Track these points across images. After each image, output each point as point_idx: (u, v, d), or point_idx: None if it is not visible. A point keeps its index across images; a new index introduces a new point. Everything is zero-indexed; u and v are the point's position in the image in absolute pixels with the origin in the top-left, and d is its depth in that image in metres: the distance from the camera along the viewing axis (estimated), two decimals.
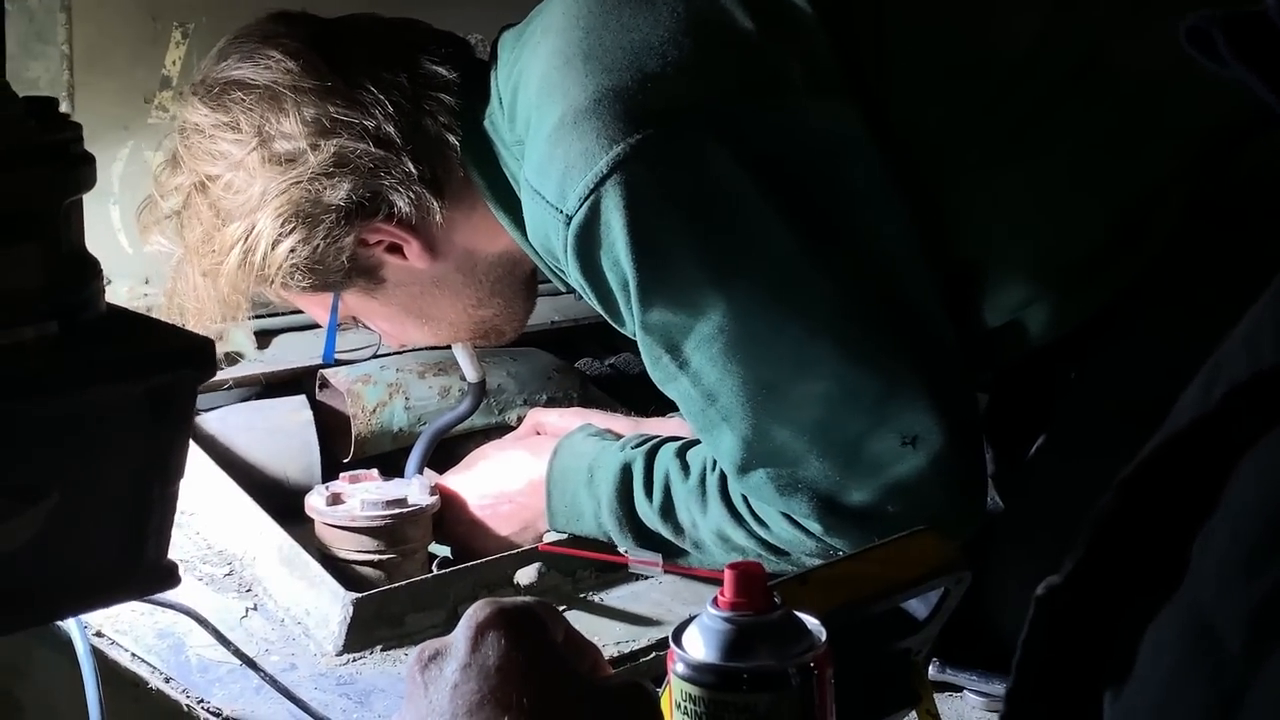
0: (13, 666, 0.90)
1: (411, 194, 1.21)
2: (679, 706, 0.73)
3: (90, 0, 1.38)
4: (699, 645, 0.74)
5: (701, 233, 1.07)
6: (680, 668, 0.73)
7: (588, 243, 1.08)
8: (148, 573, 0.64)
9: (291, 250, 1.20)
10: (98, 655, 0.93)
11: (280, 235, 1.20)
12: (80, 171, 0.60)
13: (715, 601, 0.75)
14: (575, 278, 1.13)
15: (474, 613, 0.66)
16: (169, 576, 0.65)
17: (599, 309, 1.16)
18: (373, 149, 1.19)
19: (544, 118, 1.10)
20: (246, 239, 1.21)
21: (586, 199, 1.06)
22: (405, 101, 1.20)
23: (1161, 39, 1.11)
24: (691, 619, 0.76)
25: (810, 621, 0.77)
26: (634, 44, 1.09)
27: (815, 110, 1.10)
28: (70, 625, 0.90)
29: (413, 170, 1.20)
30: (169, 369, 0.60)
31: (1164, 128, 1.11)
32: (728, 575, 0.75)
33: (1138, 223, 1.11)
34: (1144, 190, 1.11)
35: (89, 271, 0.62)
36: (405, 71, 1.22)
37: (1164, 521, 0.46)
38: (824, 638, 0.75)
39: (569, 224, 1.08)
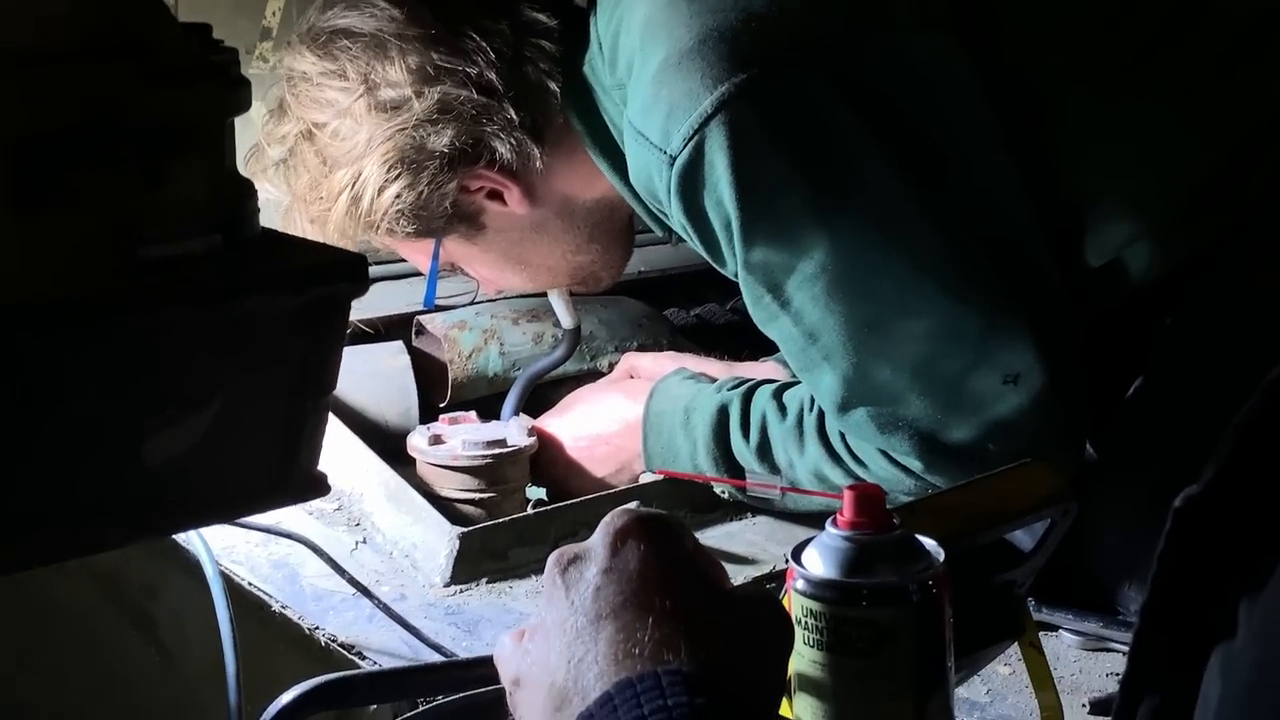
0: (147, 586, 0.94)
1: (513, 140, 1.23)
2: (799, 622, 0.74)
3: None
4: (818, 563, 0.76)
5: (805, 171, 1.09)
6: (801, 584, 0.75)
7: (692, 183, 1.10)
8: (301, 481, 0.67)
9: (397, 196, 1.23)
10: (224, 579, 0.96)
11: (386, 181, 1.22)
12: (240, 92, 0.63)
13: (834, 521, 0.77)
14: (678, 219, 1.14)
15: (612, 520, 0.68)
16: (320, 485, 0.67)
17: (701, 250, 1.18)
18: (475, 96, 1.21)
19: (648, 59, 1.12)
20: (353, 185, 1.23)
21: (691, 139, 1.07)
22: (507, 48, 1.22)
23: None
24: (809, 540, 0.78)
25: (928, 543, 0.78)
26: None
27: (921, 46, 1.10)
28: (199, 548, 0.93)
29: (514, 117, 1.22)
30: (327, 281, 0.62)
31: (1271, 66, 1.10)
32: (847, 495, 0.76)
33: (1243, 161, 1.11)
34: (1250, 129, 1.11)
35: (246, 189, 0.64)
36: (506, 18, 1.23)
37: None
38: (942, 557, 0.77)
39: (673, 164, 1.09)
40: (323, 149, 1.24)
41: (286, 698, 0.70)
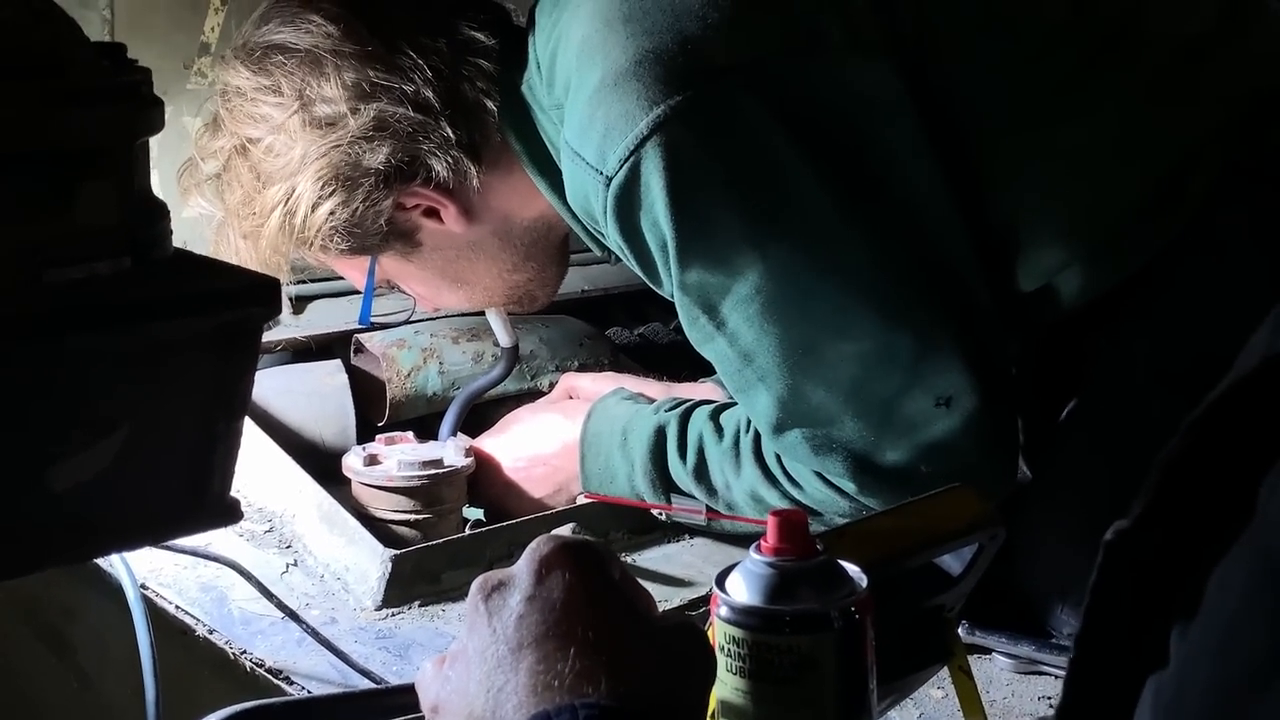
0: (65, 609, 0.92)
1: (449, 159, 1.22)
2: (722, 649, 0.74)
3: None
4: (742, 589, 0.76)
5: (740, 193, 1.09)
6: (724, 611, 0.75)
7: (627, 204, 1.09)
8: (212, 507, 0.66)
9: (331, 213, 1.22)
10: (146, 602, 0.94)
11: (320, 198, 1.22)
12: (152, 112, 0.62)
13: (758, 548, 0.77)
14: (614, 239, 1.14)
15: (538, 547, 0.67)
16: (232, 511, 0.66)
17: (637, 271, 1.17)
18: (411, 113, 1.20)
19: (584, 80, 1.12)
20: (287, 202, 1.22)
21: (627, 160, 1.07)
22: (444, 66, 1.22)
23: (1197, 5, 1.12)
24: (734, 565, 0.78)
25: (851, 569, 0.78)
26: (674, 5, 1.10)
27: (854, 70, 1.11)
28: (120, 571, 0.92)
29: (451, 135, 1.22)
30: (238, 305, 0.62)
31: (1200, 92, 1.11)
32: (771, 521, 0.76)
33: (1172, 186, 1.12)
34: (1179, 154, 1.12)
35: (158, 211, 0.63)
36: (444, 36, 1.23)
37: (1232, 464, 0.47)
38: (865, 584, 0.77)
39: (609, 185, 1.09)
40: (257, 164, 1.24)
41: None
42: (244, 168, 1.25)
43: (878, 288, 1.10)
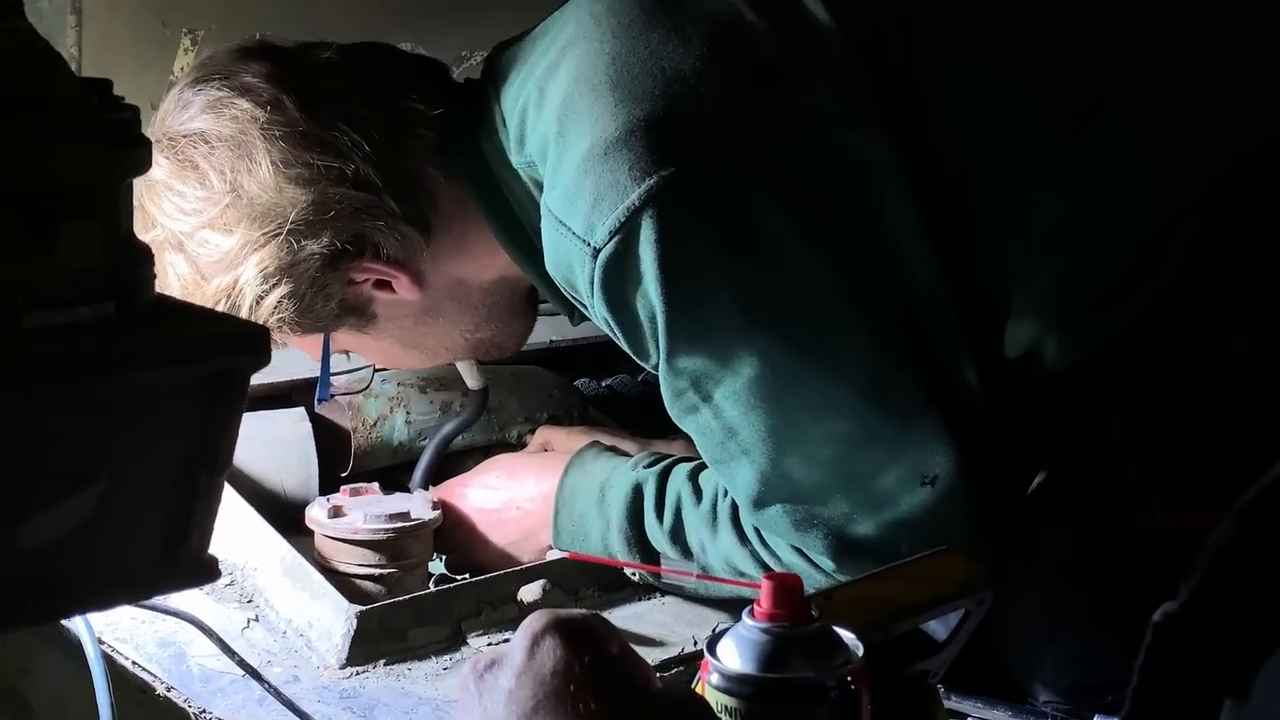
0: (23, 668, 0.88)
1: (397, 233, 1.19)
2: None
3: (100, 3, 1.37)
4: (734, 656, 0.73)
5: (734, 267, 1.06)
6: (716, 679, 0.72)
7: (617, 276, 1.06)
8: (190, 565, 0.63)
9: (278, 304, 1.18)
10: (106, 660, 0.91)
11: (265, 291, 1.17)
12: (139, 151, 0.59)
13: (751, 612, 0.75)
14: (600, 312, 1.10)
15: (530, 622, 0.65)
16: (210, 570, 0.63)
17: (622, 343, 1.13)
18: (353, 192, 1.16)
19: (569, 147, 1.08)
20: (230, 296, 1.17)
21: (618, 232, 1.04)
22: (381, 140, 1.17)
23: (1179, 69, 1.13)
24: (725, 630, 0.76)
25: (847, 635, 0.76)
26: (665, 72, 1.06)
27: (849, 138, 1.09)
28: (79, 627, 0.88)
29: (395, 208, 1.18)
30: (225, 353, 0.59)
31: (1180, 159, 1.11)
32: (765, 586, 0.74)
33: (1152, 252, 1.11)
34: (1159, 220, 1.11)
35: (143, 254, 0.61)
36: (379, 109, 1.18)
37: None
38: (861, 651, 0.75)
39: (596, 257, 1.06)
40: (193, 259, 1.18)
41: None
42: (180, 261, 1.19)
43: (866, 366, 1.09)
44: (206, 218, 1.17)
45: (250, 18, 1.30)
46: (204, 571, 0.63)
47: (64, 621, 0.88)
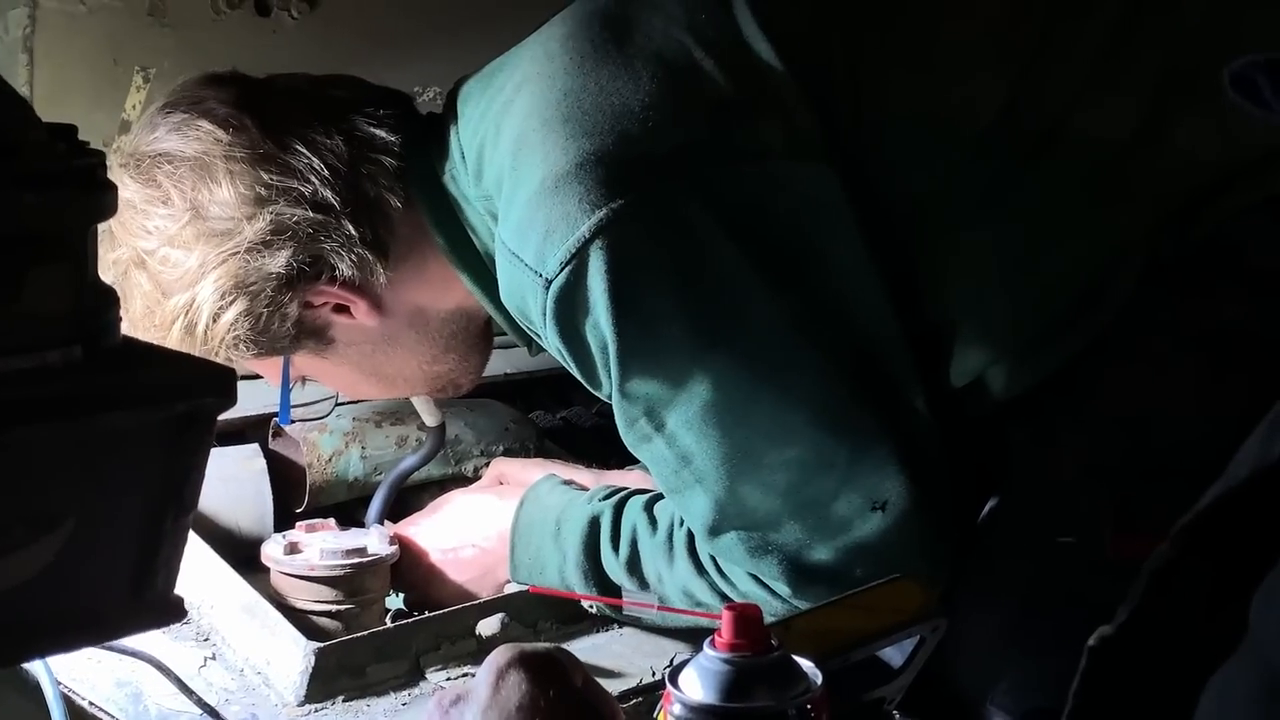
0: None
1: (354, 256, 1.20)
2: None
3: (52, 41, 1.37)
4: (696, 687, 0.74)
5: (684, 298, 1.08)
6: (678, 709, 0.73)
7: (569, 307, 1.08)
8: (156, 605, 0.63)
9: (234, 321, 1.19)
10: (65, 701, 0.90)
11: (221, 308, 1.19)
12: (106, 197, 0.60)
13: (712, 643, 0.76)
14: (553, 342, 1.12)
15: (495, 657, 0.66)
16: (176, 610, 0.64)
17: (575, 372, 1.15)
18: (310, 214, 1.18)
19: (522, 180, 1.10)
20: (187, 313, 1.19)
21: (568, 263, 1.06)
22: (341, 165, 1.19)
23: (1124, 106, 1.16)
24: (686, 661, 0.77)
25: (805, 664, 0.77)
26: (614, 107, 1.08)
27: (794, 172, 1.11)
28: (38, 669, 0.88)
29: (353, 233, 1.19)
30: (191, 396, 0.60)
31: (1125, 194, 1.14)
32: (726, 616, 0.75)
33: (1099, 285, 1.14)
34: (1104, 254, 1.14)
35: (109, 298, 0.61)
36: (340, 134, 1.20)
37: (1220, 573, 0.47)
38: (820, 680, 0.76)
39: (548, 288, 1.07)
40: (155, 275, 1.20)
41: None
42: (143, 278, 1.21)
43: (817, 393, 1.10)
44: (167, 235, 1.19)
45: (203, 55, 1.30)
46: (171, 611, 0.64)
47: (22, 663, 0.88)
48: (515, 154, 1.11)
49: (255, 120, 1.18)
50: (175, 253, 1.18)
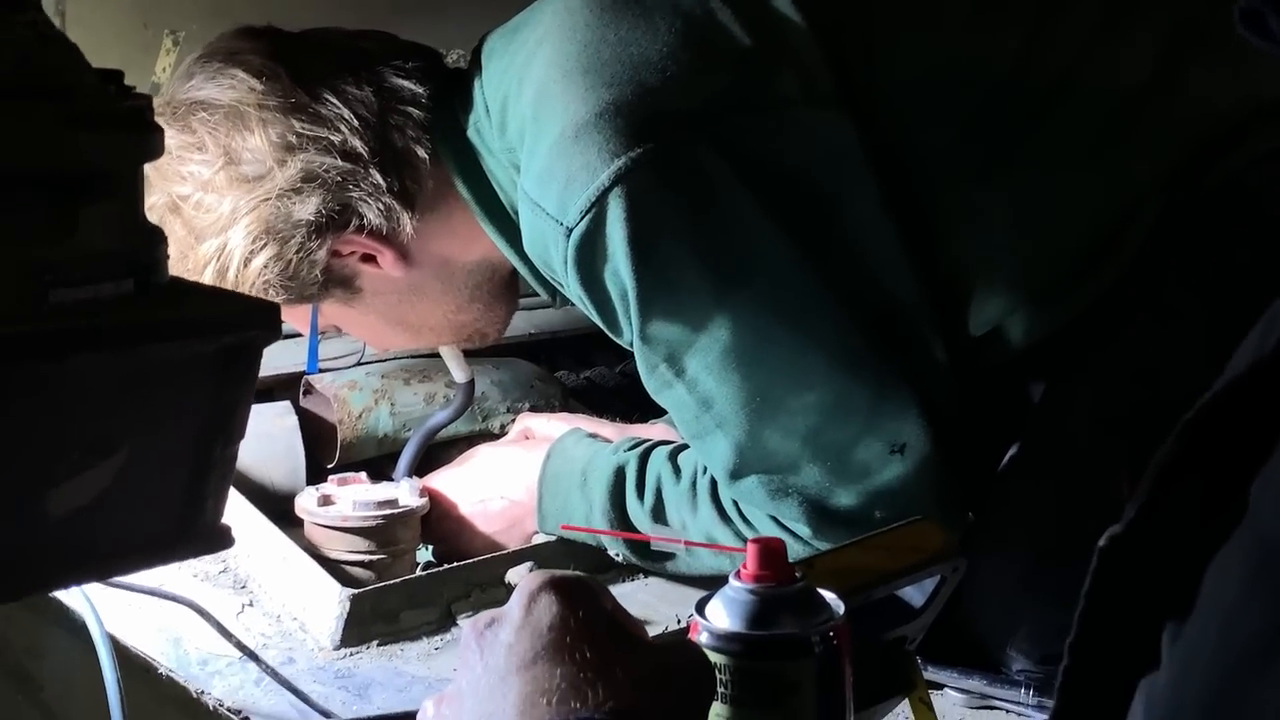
0: (30, 648, 0.91)
1: (381, 205, 1.23)
2: None
3: (84, 6, 1.39)
4: (723, 615, 0.77)
5: (702, 244, 1.10)
6: (705, 637, 0.76)
7: (588, 254, 1.10)
8: (204, 533, 0.66)
9: (264, 266, 1.22)
10: (111, 639, 0.93)
11: (252, 252, 1.22)
12: (155, 138, 0.62)
13: (738, 575, 0.78)
14: (574, 290, 1.15)
15: (527, 582, 0.68)
16: (224, 537, 0.66)
17: (597, 320, 1.18)
18: (340, 162, 1.21)
19: (543, 131, 1.12)
20: (220, 257, 1.22)
21: (588, 211, 1.08)
22: (370, 115, 1.22)
23: (1138, 54, 1.17)
24: (713, 593, 0.79)
25: (829, 596, 0.80)
26: (633, 57, 1.11)
27: (810, 122, 1.13)
28: (85, 609, 0.91)
29: (381, 182, 1.22)
30: (240, 328, 0.62)
31: (1139, 144, 1.15)
32: (751, 549, 0.78)
33: (1112, 235, 1.15)
34: (1118, 203, 1.15)
35: (157, 236, 0.64)
36: (370, 85, 1.24)
37: (1224, 464, 0.49)
38: (843, 610, 0.78)
39: (569, 236, 1.10)
40: (189, 220, 1.23)
41: None
42: (176, 223, 1.24)
43: (835, 337, 1.12)
44: (202, 180, 1.22)
45: (232, 18, 1.32)
46: (219, 538, 0.66)
47: (68, 604, 0.90)
48: (537, 105, 1.13)
49: (288, 70, 1.22)
50: (209, 198, 1.22)
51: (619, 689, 0.63)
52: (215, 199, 1.22)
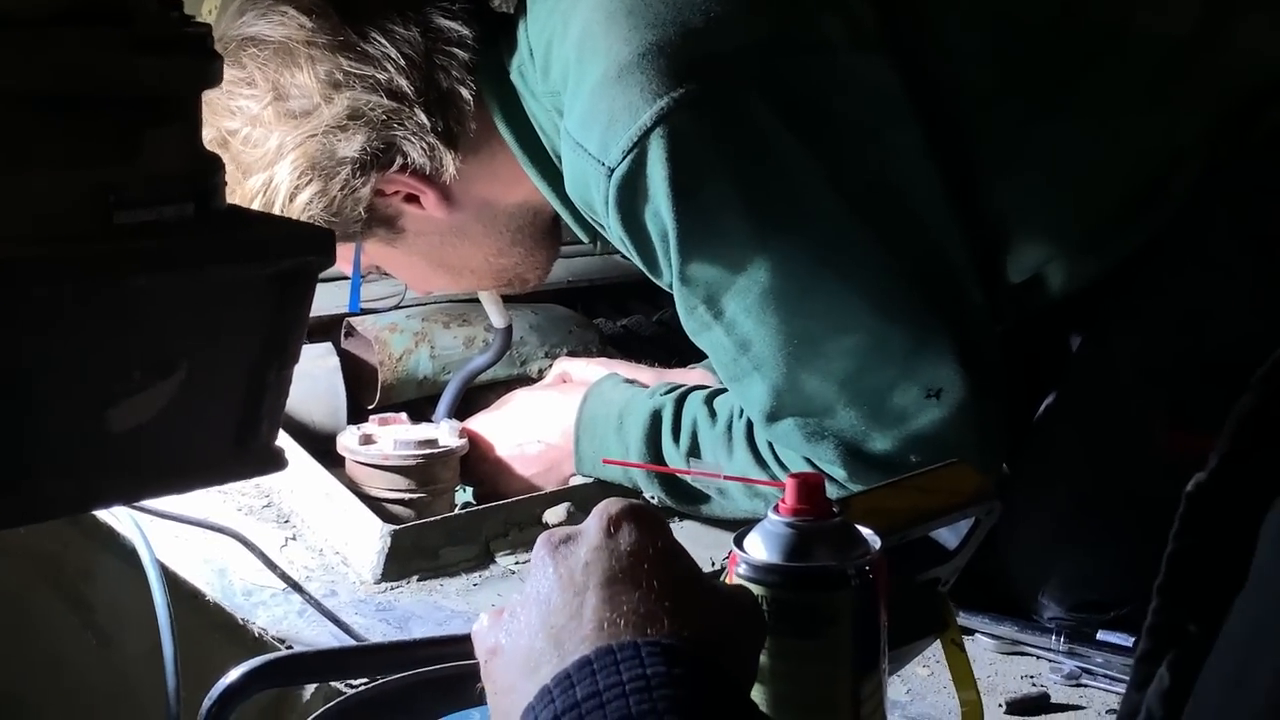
0: (83, 571, 0.93)
1: (425, 145, 1.24)
2: None
3: None
4: (760, 548, 0.78)
5: (743, 185, 1.11)
6: (743, 569, 0.77)
7: (630, 195, 1.11)
8: (259, 454, 0.67)
9: (309, 202, 1.24)
10: (160, 565, 0.96)
11: (297, 187, 1.23)
12: (214, 64, 0.64)
13: (776, 509, 0.79)
14: (615, 231, 1.16)
15: (606, 506, 0.69)
16: (278, 459, 0.68)
17: (637, 262, 1.19)
18: (385, 100, 1.22)
19: (586, 72, 1.13)
20: (265, 191, 1.24)
21: (630, 151, 1.09)
22: (417, 55, 1.23)
23: (1184, 5, 1.16)
24: (751, 526, 0.80)
25: (866, 531, 0.81)
26: (677, 0, 1.12)
27: (854, 64, 1.13)
28: (135, 534, 0.93)
29: (425, 122, 1.23)
30: (296, 252, 0.64)
31: (1187, 94, 1.15)
32: (790, 483, 0.78)
33: (1157, 184, 1.15)
34: (1164, 152, 1.15)
35: (216, 163, 0.65)
36: (417, 26, 1.24)
37: None
38: (879, 544, 0.80)
39: (611, 176, 1.11)
40: (236, 155, 1.25)
41: (237, 672, 0.71)
42: (225, 159, 1.25)
43: (876, 281, 1.13)
44: (249, 115, 1.24)
45: None
46: (273, 460, 0.68)
47: (120, 531, 0.93)
48: (580, 47, 1.14)
49: (337, 8, 1.23)
50: (256, 133, 1.23)
51: (691, 619, 0.65)
52: (263, 134, 1.23)
